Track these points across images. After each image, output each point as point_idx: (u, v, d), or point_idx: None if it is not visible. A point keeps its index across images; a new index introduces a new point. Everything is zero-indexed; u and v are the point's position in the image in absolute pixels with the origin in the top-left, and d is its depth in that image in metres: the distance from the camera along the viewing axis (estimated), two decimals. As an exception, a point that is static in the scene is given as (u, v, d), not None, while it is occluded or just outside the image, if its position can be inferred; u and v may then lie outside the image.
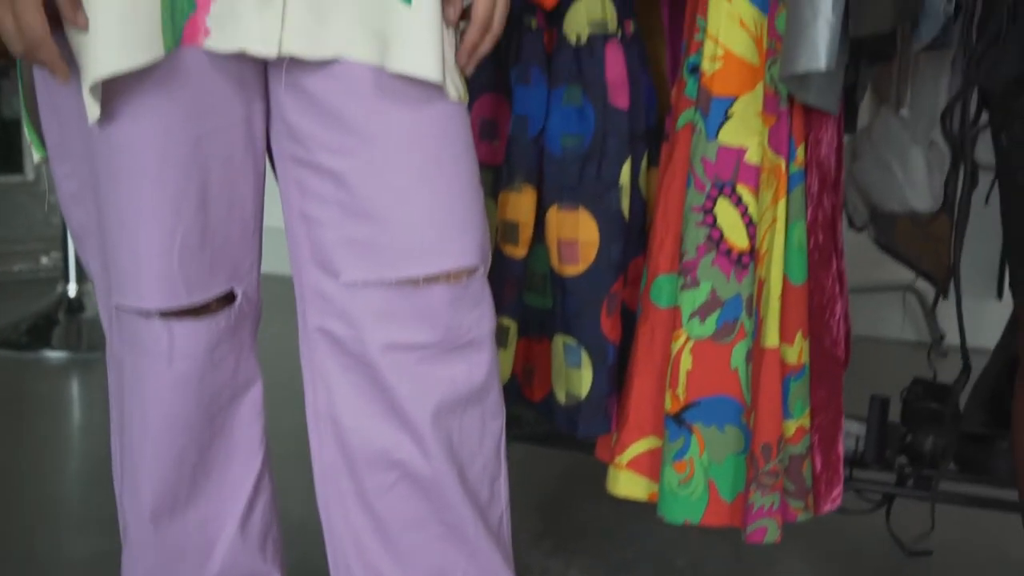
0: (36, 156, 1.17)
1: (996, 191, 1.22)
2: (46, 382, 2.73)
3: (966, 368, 1.50)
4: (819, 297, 1.51)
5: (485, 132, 1.55)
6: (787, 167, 1.44)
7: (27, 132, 1.16)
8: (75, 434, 2.42)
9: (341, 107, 1.10)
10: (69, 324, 2.94)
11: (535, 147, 1.49)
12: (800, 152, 1.46)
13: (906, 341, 3.11)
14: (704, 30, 1.45)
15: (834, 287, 1.53)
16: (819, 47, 1.29)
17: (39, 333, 2.92)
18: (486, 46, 1.16)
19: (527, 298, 1.58)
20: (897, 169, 1.81)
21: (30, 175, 3.51)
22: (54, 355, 2.85)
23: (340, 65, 1.10)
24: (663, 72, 1.68)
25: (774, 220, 1.45)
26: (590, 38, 1.47)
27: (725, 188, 1.46)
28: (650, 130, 1.58)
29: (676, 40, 1.65)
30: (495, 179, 1.55)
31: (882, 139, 1.84)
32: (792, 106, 1.44)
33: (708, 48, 1.44)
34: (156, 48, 1.01)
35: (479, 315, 1.18)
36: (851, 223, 2.02)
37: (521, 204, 1.50)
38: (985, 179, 1.42)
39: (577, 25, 1.47)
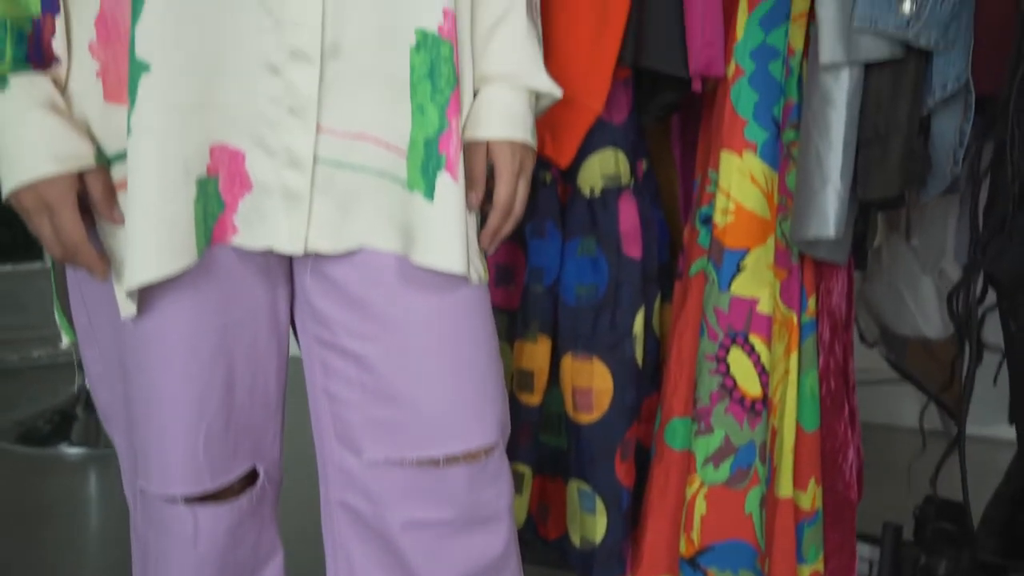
0: (65, 339, 1.20)
1: (1003, 370, 1.23)
2: (65, 479, 2.74)
3: (971, 538, 1.51)
4: (831, 442, 1.53)
5: (501, 278, 1.58)
6: (799, 319, 1.46)
7: (57, 316, 1.20)
8: (94, 540, 2.44)
9: (364, 294, 1.13)
10: (87, 419, 2.96)
11: (550, 296, 1.52)
12: (811, 303, 1.48)
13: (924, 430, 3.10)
14: (716, 183, 1.48)
15: (846, 432, 1.55)
16: (828, 215, 1.32)
17: (58, 428, 2.95)
18: (508, 228, 1.19)
19: (542, 437, 1.61)
20: (908, 298, 1.83)
21: (48, 262, 3.56)
22: (72, 451, 2.87)
23: (364, 254, 1.12)
24: (675, 198, 1.70)
25: (786, 372, 1.47)
26: (603, 191, 1.50)
27: (738, 338, 1.48)
28: (663, 265, 1.61)
29: (688, 173, 1.68)
30: (510, 324, 1.58)
31: (893, 266, 1.86)
32: (803, 259, 1.46)
33: (720, 201, 1.47)
34: (190, 253, 1.04)
35: (497, 491, 1.20)
36: (862, 339, 2.04)
37: (536, 354, 1.53)
38: (991, 356, 1.44)
39: (591, 179, 1.50)
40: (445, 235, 1.09)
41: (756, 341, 1.48)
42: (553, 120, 1.41)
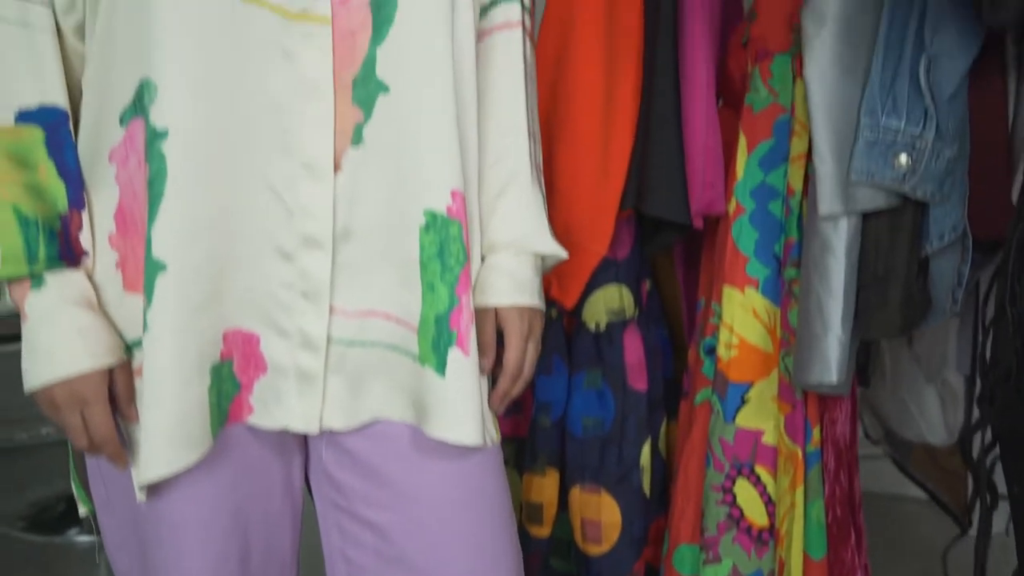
0: (82, 509, 1.22)
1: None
2: (75, 569, 2.75)
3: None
4: (838, 568, 1.54)
5: (508, 408, 1.60)
6: (804, 453, 1.48)
7: (74, 486, 1.21)
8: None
9: (379, 465, 1.15)
10: (98, 506, 2.97)
11: (557, 429, 1.54)
12: (816, 433, 1.50)
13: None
14: (719, 315, 1.50)
15: (853, 558, 1.56)
16: (831, 362, 1.34)
17: (67, 514, 2.96)
18: (517, 390, 1.21)
19: (551, 561, 1.62)
20: (912, 406, 1.85)
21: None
22: (83, 539, 2.88)
23: (378, 425, 1.14)
24: (679, 308, 1.72)
25: (792, 505, 1.48)
26: (608, 325, 1.52)
27: (743, 469, 1.50)
28: (668, 381, 1.63)
29: (691, 288, 1.70)
30: (518, 451, 1.60)
31: (895, 373, 1.87)
32: (806, 393, 1.48)
33: (723, 335, 1.49)
34: (205, 442, 1.06)
35: None
36: (867, 435, 2.06)
37: (545, 487, 1.55)
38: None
39: (596, 314, 1.52)
40: (458, 409, 1.11)
41: (762, 472, 1.50)
42: (559, 264, 1.44)
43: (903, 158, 1.26)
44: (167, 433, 1.03)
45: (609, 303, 1.51)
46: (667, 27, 1.42)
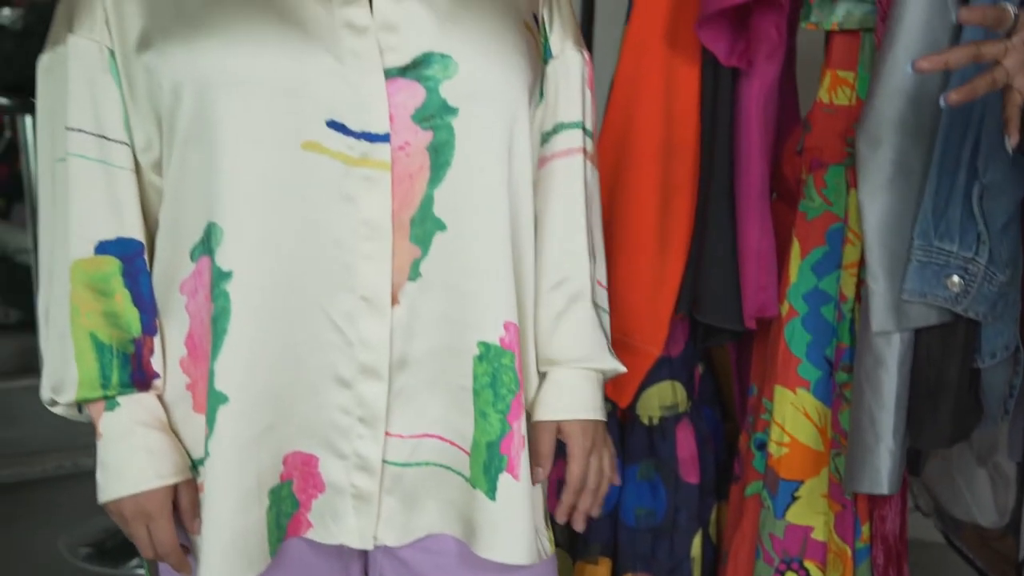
0: (157, 604, 1.28)
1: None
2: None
3: None
4: (887, 662, 1.57)
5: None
6: (853, 550, 1.50)
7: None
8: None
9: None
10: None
11: (610, 519, 1.58)
12: (865, 530, 1.52)
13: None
14: (770, 412, 1.52)
15: (901, 650, 1.58)
16: (881, 473, 1.36)
17: (127, 545, 3.03)
18: (585, 504, 1.23)
19: (602, 642, 1.66)
20: (963, 487, 1.86)
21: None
22: (142, 573, 2.95)
23: (430, 539, 1.19)
24: (732, 387, 1.75)
25: (841, 601, 1.51)
26: (662, 419, 1.55)
27: (793, 563, 1.52)
28: (718, 463, 1.66)
29: (744, 370, 1.72)
30: (572, 536, 1.63)
31: (947, 455, 1.89)
32: (856, 494, 1.50)
33: (774, 432, 1.51)
34: (263, 559, 1.11)
35: None
36: (916, 507, 2.07)
37: (597, 575, 1.58)
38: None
39: (649, 409, 1.55)
40: (508, 532, 1.14)
41: (811, 566, 1.52)
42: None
43: (956, 280, 1.27)
44: (225, 554, 1.08)
45: (663, 399, 1.55)
46: (723, 134, 1.44)
